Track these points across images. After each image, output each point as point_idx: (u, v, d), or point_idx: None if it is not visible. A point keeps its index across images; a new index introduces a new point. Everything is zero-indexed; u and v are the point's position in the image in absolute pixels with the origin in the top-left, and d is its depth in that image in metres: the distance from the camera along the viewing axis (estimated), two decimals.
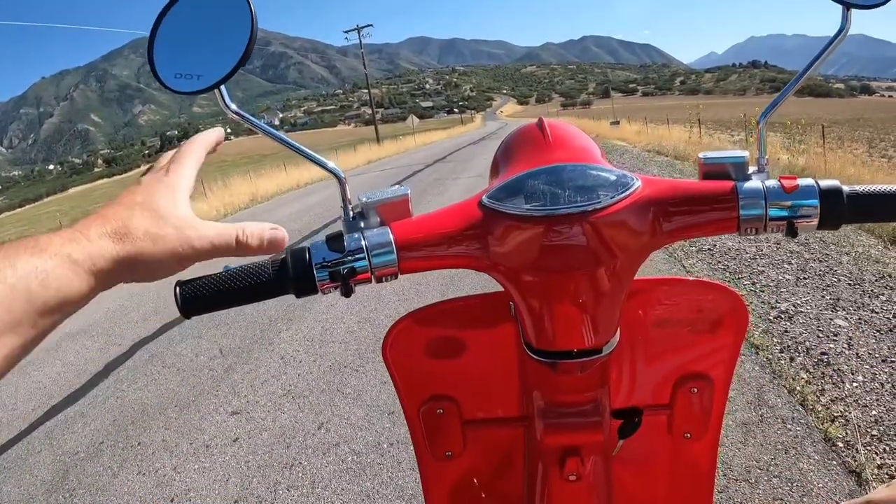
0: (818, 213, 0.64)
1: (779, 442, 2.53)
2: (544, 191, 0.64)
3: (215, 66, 0.63)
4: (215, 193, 19.34)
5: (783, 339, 3.47)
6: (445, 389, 0.81)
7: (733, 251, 5.41)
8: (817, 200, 0.64)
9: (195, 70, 0.63)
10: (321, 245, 0.66)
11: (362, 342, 4.28)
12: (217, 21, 0.65)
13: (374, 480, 2.66)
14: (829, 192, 0.64)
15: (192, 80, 0.63)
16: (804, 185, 0.64)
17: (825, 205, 0.64)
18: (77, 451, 3.38)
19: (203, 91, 0.64)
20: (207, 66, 0.63)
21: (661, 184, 0.67)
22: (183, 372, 4.29)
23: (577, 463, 0.76)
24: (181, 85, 0.64)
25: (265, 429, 3.26)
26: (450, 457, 0.84)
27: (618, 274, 0.65)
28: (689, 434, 0.82)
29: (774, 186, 0.65)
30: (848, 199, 0.64)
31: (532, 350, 0.69)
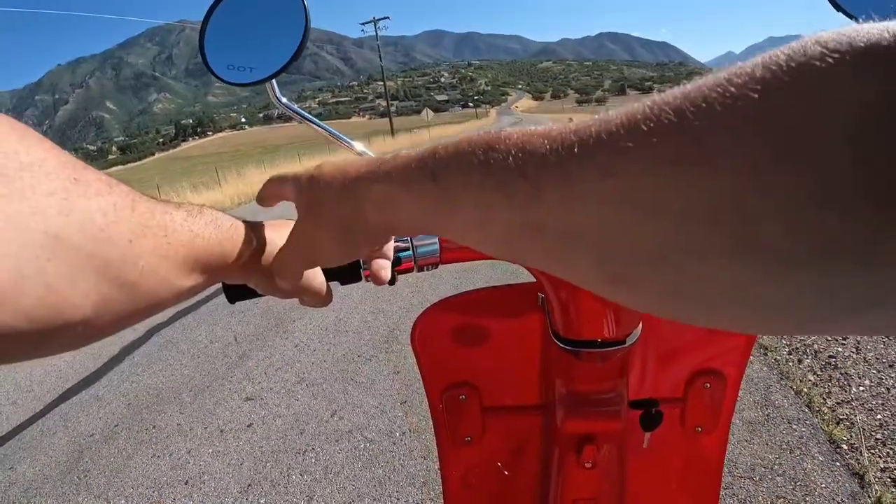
0: None
1: (784, 442, 2.56)
2: None
3: (268, 60, 0.66)
4: (229, 183, 19.44)
5: (792, 342, 3.48)
6: (468, 376, 0.85)
7: None
8: None
9: (248, 63, 0.66)
10: None
11: (376, 332, 4.33)
12: (271, 16, 0.68)
13: (385, 468, 2.72)
14: None
15: (244, 72, 0.67)
16: None
17: None
18: (92, 433, 3.45)
19: (255, 83, 0.67)
20: (260, 60, 0.66)
21: None
22: (198, 358, 4.36)
23: (594, 450, 0.80)
24: (234, 76, 0.67)
25: (279, 415, 3.32)
26: (469, 442, 0.88)
27: None
28: (700, 427, 0.85)
29: None
30: None
31: (559, 339, 0.73)
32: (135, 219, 0.38)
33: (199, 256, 0.45)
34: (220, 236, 0.48)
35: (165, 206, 0.43)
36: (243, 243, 0.51)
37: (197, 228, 0.45)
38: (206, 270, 0.47)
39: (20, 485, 3.03)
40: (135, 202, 0.38)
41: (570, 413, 0.79)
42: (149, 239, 0.38)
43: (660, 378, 0.85)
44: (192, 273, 0.44)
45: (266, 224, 0.59)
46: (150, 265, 0.38)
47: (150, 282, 0.39)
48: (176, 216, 0.43)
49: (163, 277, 0.40)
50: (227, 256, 0.49)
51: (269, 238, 0.57)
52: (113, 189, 0.37)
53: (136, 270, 0.37)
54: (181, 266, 0.42)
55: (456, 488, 0.94)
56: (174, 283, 0.42)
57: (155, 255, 0.39)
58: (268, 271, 0.56)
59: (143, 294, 0.39)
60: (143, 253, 0.38)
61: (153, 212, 0.40)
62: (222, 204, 15.87)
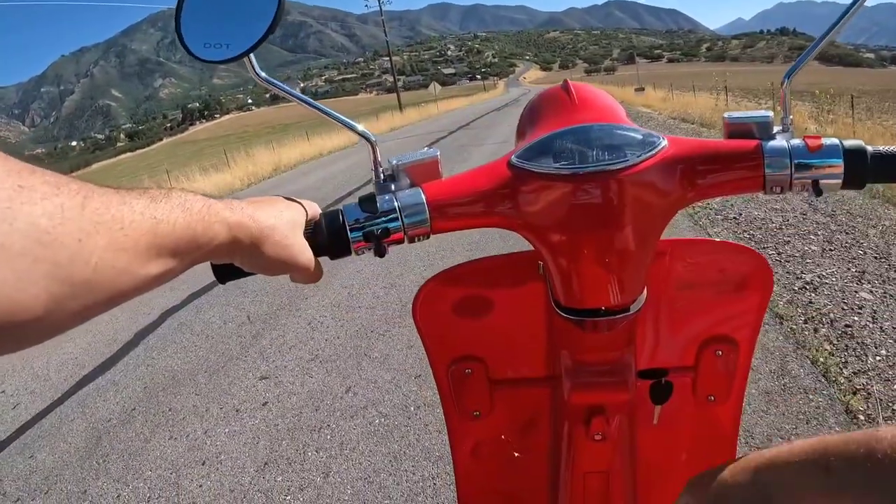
0: (842, 172, 0.65)
1: (801, 412, 2.54)
2: (572, 150, 0.65)
3: (244, 35, 0.64)
4: (238, 164, 19.44)
5: (807, 310, 3.45)
6: (473, 350, 0.83)
7: (759, 220, 5.36)
8: (841, 159, 0.65)
9: (224, 39, 0.65)
10: (354, 207, 0.68)
11: (389, 307, 4.33)
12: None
13: (401, 442, 2.73)
14: (853, 152, 0.65)
15: (220, 49, 0.65)
16: (828, 144, 0.65)
17: (849, 164, 0.65)
18: (109, 418, 3.49)
19: (232, 60, 0.65)
20: (236, 36, 0.64)
21: (687, 143, 0.68)
22: (212, 339, 4.38)
23: (603, 422, 0.78)
24: (210, 54, 0.65)
25: (293, 392, 3.34)
26: (477, 416, 0.86)
27: (644, 232, 0.67)
28: (713, 397, 0.83)
29: (799, 145, 0.66)
30: (872, 159, 0.65)
31: (561, 308, 0.71)
32: (86, 217, 0.37)
33: (166, 242, 0.44)
34: (189, 219, 0.47)
35: (124, 197, 0.42)
36: (218, 223, 0.51)
37: (161, 214, 0.44)
38: (177, 255, 0.46)
39: (40, 472, 3.06)
40: (86, 199, 0.38)
41: (576, 385, 0.77)
42: (102, 235, 0.38)
43: (670, 346, 0.83)
44: (158, 260, 0.44)
45: (247, 201, 0.58)
46: (105, 260, 0.38)
47: (106, 276, 0.39)
48: (136, 205, 0.42)
49: (122, 269, 0.40)
50: (200, 239, 0.49)
51: (250, 215, 0.56)
52: (61, 190, 0.37)
53: (89, 268, 0.37)
54: (144, 255, 0.42)
55: (466, 464, 0.93)
56: (137, 273, 0.42)
57: (110, 250, 0.39)
58: (252, 249, 0.56)
59: (100, 289, 0.39)
60: (95, 249, 0.38)
61: (108, 205, 0.40)
62: (232, 185, 15.87)
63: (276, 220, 0.59)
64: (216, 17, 0.66)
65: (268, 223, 0.57)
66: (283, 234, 0.59)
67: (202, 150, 72.80)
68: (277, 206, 0.62)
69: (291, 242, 0.60)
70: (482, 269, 0.82)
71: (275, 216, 0.59)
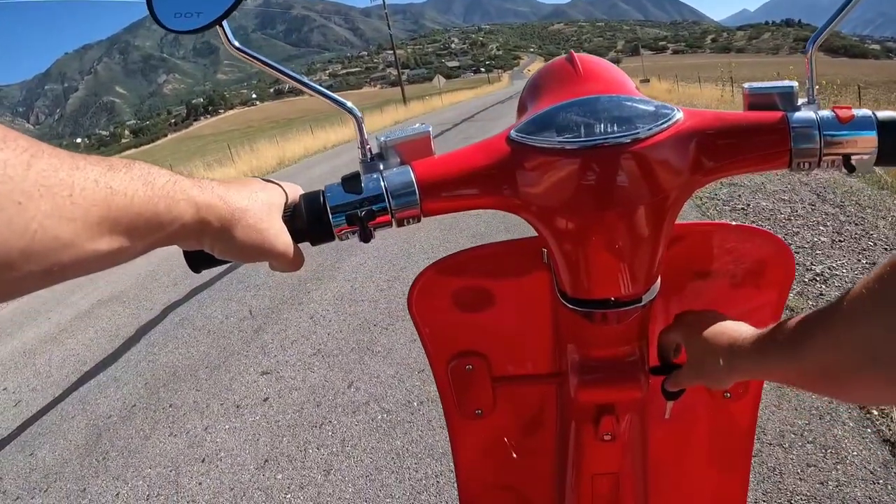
0: (876, 146, 0.58)
1: (813, 407, 2.48)
2: (578, 122, 0.59)
3: (215, 2, 0.59)
4: (242, 158, 19.46)
5: (819, 303, 3.39)
6: (474, 345, 0.78)
7: (767, 211, 5.29)
8: (875, 132, 0.58)
9: (194, 7, 0.60)
10: (336, 187, 0.62)
11: (392, 300, 4.28)
12: None
13: (403, 439, 2.68)
14: (889, 124, 0.58)
15: (191, 18, 0.60)
16: (861, 116, 0.59)
17: (884, 137, 0.58)
18: (110, 414, 3.46)
19: (203, 28, 0.60)
20: (207, 3, 0.59)
21: (704, 115, 0.62)
22: (213, 334, 4.34)
23: (613, 422, 0.73)
24: (180, 24, 0.60)
25: (295, 388, 3.30)
26: (479, 415, 0.82)
27: (659, 215, 0.60)
28: (729, 393, 0.79)
29: (828, 116, 0.59)
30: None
31: (567, 299, 0.65)
32: (30, 177, 0.33)
33: (121, 217, 0.39)
34: (150, 194, 0.42)
35: (79, 162, 0.37)
36: (183, 202, 0.45)
37: (118, 185, 0.39)
38: (134, 233, 0.41)
39: (40, 470, 3.03)
40: (33, 158, 0.34)
41: (584, 381, 0.71)
42: (45, 200, 0.34)
43: None
44: (110, 235, 0.39)
45: (218, 181, 0.52)
46: (46, 228, 0.34)
47: (45, 246, 0.34)
48: (90, 172, 0.37)
49: (65, 241, 0.35)
50: (162, 217, 0.43)
51: (221, 195, 0.50)
52: (7, 145, 0.33)
53: (28, 235, 0.33)
54: (93, 228, 0.37)
55: (468, 465, 0.88)
56: (83, 247, 0.37)
57: (53, 218, 0.34)
58: (221, 232, 0.50)
59: (37, 260, 0.34)
60: (36, 214, 0.33)
61: (57, 168, 0.35)
62: None
63: (250, 202, 0.53)
64: None
65: (239, 205, 0.52)
66: (257, 218, 0.54)
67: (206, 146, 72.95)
68: (251, 187, 0.56)
69: (266, 227, 0.55)
70: (482, 257, 0.76)
71: (248, 197, 0.54)
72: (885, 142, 0.58)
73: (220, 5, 0.59)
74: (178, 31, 0.61)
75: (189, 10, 0.60)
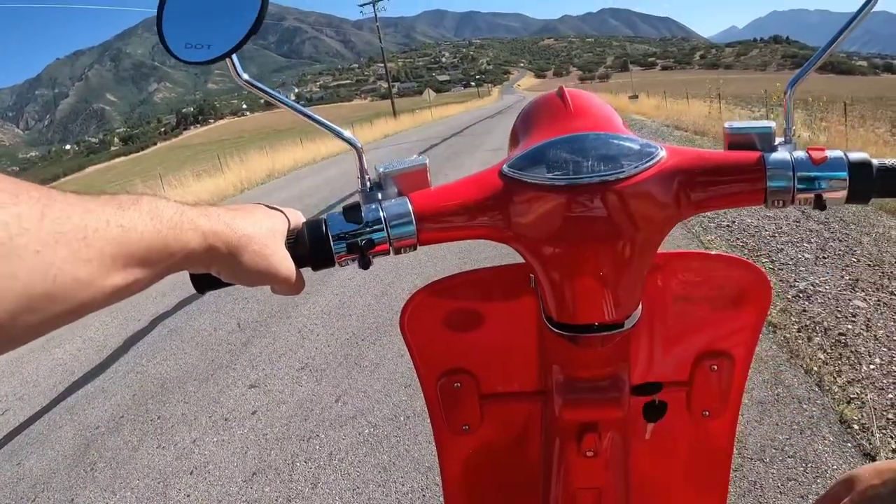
0: (847, 185, 0.63)
1: (794, 422, 2.52)
2: (566, 160, 0.63)
3: (226, 36, 0.62)
4: (232, 169, 19.40)
5: (801, 319, 3.44)
6: (463, 363, 0.81)
7: (752, 228, 5.36)
8: (846, 173, 0.62)
9: (205, 40, 0.63)
10: (338, 216, 0.66)
11: (380, 315, 4.30)
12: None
13: (390, 453, 2.69)
14: (859, 165, 0.63)
15: (202, 50, 0.63)
16: (833, 157, 0.63)
17: (854, 178, 0.62)
18: (98, 425, 3.45)
19: (214, 61, 0.63)
20: (217, 36, 0.63)
21: (686, 153, 0.66)
22: (201, 346, 4.34)
23: (595, 439, 0.76)
24: (192, 55, 0.63)
25: (283, 402, 3.30)
26: (467, 430, 0.84)
27: (641, 246, 0.64)
28: (707, 412, 0.81)
29: (802, 158, 0.64)
30: (878, 173, 0.62)
31: (553, 323, 0.69)
32: (45, 227, 0.36)
33: (134, 252, 0.43)
34: (158, 227, 0.45)
35: (88, 204, 0.40)
36: (190, 231, 0.49)
37: (128, 222, 0.43)
38: (147, 264, 0.44)
39: (28, 480, 3.02)
40: (46, 208, 0.37)
41: (568, 401, 0.75)
42: (61, 245, 0.37)
43: (664, 361, 0.80)
44: (125, 270, 0.42)
45: (225, 208, 0.56)
46: (66, 272, 0.37)
47: (67, 288, 0.37)
48: (101, 213, 0.41)
49: (85, 281, 0.39)
50: (172, 247, 0.47)
51: (227, 222, 0.54)
52: (20, 199, 0.36)
53: (48, 280, 0.36)
54: (109, 266, 0.41)
55: (455, 478, 0.91)
56: (102, 285, 0.40)
57: (70, 261, 0.37)
58: (229, 258, 0.54)
59: (60, 301, 0.37)
60: (55, 260, 0.36)
61: (69, 215, 0.38)
62: (225, 191, 15.82)
63: (255, 229, 0.57)
64: (198, 17, 0.64)
65: (246, 231, 0.55)
66: (262, 244, 0.57)
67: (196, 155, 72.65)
68: (257, 215, 0.60)
69: (271, 252, 0.58)
70: (472, 282, 0.80)
71: (253, 224, 0.57)
72: (855, 182, 0.62)
73: (230, 40, 0.62)
74: (188, 61, 0.64)
75: (200, 42, 0.63)
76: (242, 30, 0.62)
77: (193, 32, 0.63)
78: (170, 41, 0.64)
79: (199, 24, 0.64)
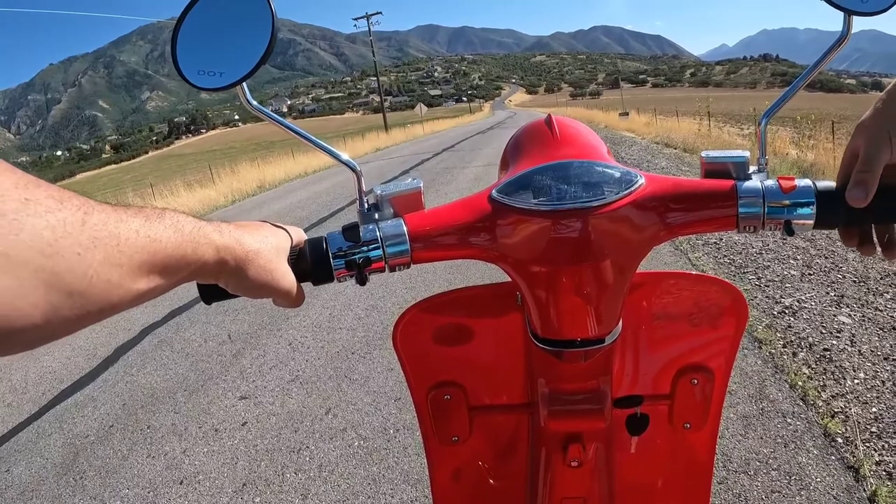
0: (814, 213, 0.67)
1: (779, 435, 2.56)
2: (551, 186, 0.67)
3: (237, 65, 0.67)
4: (223, 180, 19.35)
5: (786, 335, 3.49)
6: (453, 376, 0.85)
7: (739, 245, 5.42)
8: (814, 201, 0.67)
9: (217, 67, 0.67)
10: (337, 235, 0.70)
11: (370, 329, 4.32)
12: (238, 20, 0.69)
13: (380, 465, 2.71)
14: (826, 194, 0.67)
15: (214, 77, 0.67)
16: (801, 186, 0.67)
17: (822, 205, 0.67)
18: (87, 434, 3.44)
19: (225, 88, 0.67)
20: (229, 65, 0.67)
21: (663, 181, 0.70)
22: (192, 357, 4.34)
23: (580, 449, 0.79)
24: (204, 81, 0.67)
25: (273, 413, 3.31)
26: (456, 441, 0.87)
27: (620, 267, 0.69)
28: (688, 424, 0.85)
29: (773, 186, 0.68)
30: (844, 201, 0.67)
31: (538, 338, 0.73)
32: (85, 232, 0.40)
33: (157, 261, 0.47)
34: (180, 239, 0.50)
35: (121, 215, 0.45)
36: (205, 245, 0.53)
37: (154, 233, 0.47)
38: (167, 273, 0.49)
39: (16, 487, 3.01)
40: (87, 215, 0.41)
41: (553, 413, 0.78)
42: (99, 250, 0.41)
43: (646, 375, 0.84)
44: (148, 276, 0.47)
45: (234, 224, 0.60)
46: (100, 274, 0.41)
47: (100, 289, 0.41)
48: (132, 224, 0.45)
49: (115, 284, 0.43)
50: (189, 259, 0.51)
51: (237, 238, 0.58)
52: (64, 205, 0.40)
53: (86, 280, 0.40)
54: (136, 271, 0.45)
55: (444, 488, 0.94)
56: (129, 288, 0.45)
57: (105, 265, 0.41)
58: (237, 271, 0.58)
59: (94, 300, 0.41)
60: (92, 263, 0.40)
61: (105, 223, 0.42)
62: (216, 202, 15.77)
63: (262, 245, 0.61)
64: (211, 45, 0.68)
65: (253, 247, 0.59)
66: (267, 259, 0.61)
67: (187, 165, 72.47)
68: (263, 232, 0.64)
69: (275, 267, 0.62)
70: (462, 299, 0.84)
71: (260, 241, 0.61)
72: (822, 209, 0.67)
73: (242, 68, 0.66)
74: (200, 87, 0.68)
75: (213, 69, 0.67)
76: (253, 60, 0.66)
77: (206, 60, 0.67)
78: (183, 67, 0.68)
79: (212, 52, 0.68)
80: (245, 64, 0.66)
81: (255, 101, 0.70)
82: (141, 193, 20.02)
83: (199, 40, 0.68)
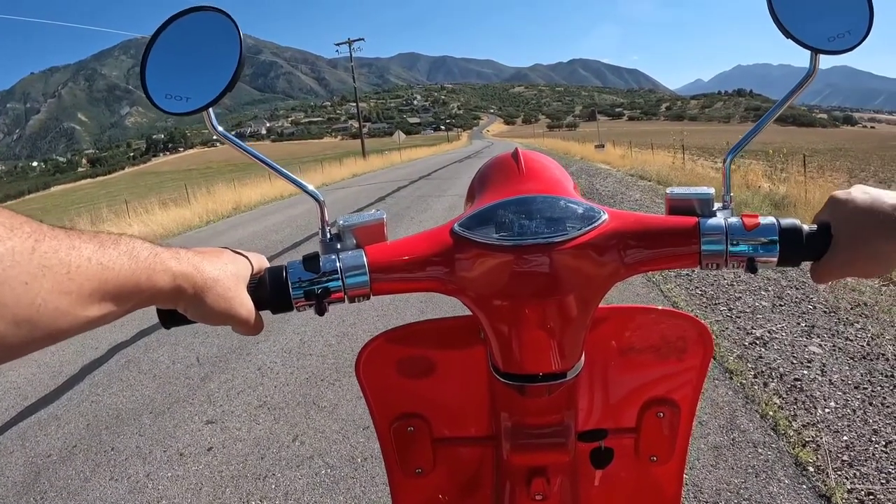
0: (777, 250, 0.66)
1: (750, 465, 2.56)
2: (513, 221, 0.67)
3: (204, 90, 0.67)
4: (199, 200, 19.18)
5: (757, 365, 3.51)
6: (416, 408, 0.83)
7: (711, 277, 5.48)
8: (777, 238, 0.66)
9: (185, 92, 0.67)
10: (297, 265, 0.69)
11: (340, 356, 4.27)
12: (207, 47, 0.69)
13: (346, 494, 2.66)
14: (789, 231, 0.67)
15: (181, 101, 0.67)
16: (765, 223, 0.67)
17: (785, 243, 0.66)
18: (49, 453, 3.34)
19: (191, 113, 0.67)
20: (196, 90, 0.67)
21: (626, 217, 0.70)
22: (159, 379, 4.25)
23: (544, 483, 0.78)
24: (171, 106, 0.67)
25: (240, 439, 3.24)
26: (420, 473, 0.86)
27: (582, 302, 0.68)
28: (655, 457, 0.84)
29: (736, 224, 0.68)
30: (807, 238, 0.66)
31: (499, 373, 0.72)
32: (34, 261, 0.40)
33: (109, 288, 0.46)
34: (134, 266, 0.49)
35: (74, 241, 0.44)
36: (161, 272, 0.53)
37: (107, 260, 0.46)
38: (119, 300, 0.48)
39: None
40: (37, 243, 0.41)
41: (516, 446, 0.77)
42: (48, 278, 0.41)
43: (611, 408, 0.83)
44: (100, 303, 0.46)
45: (194, 251, 0.60)
46: (48, 302, 0.41)
47: (48, 317, 0.41)
48: (84, 251, 0.45)
49: (64, 311, 0.42)
50: (142, 286, 0.50)
51: (196, 265, 0.57)
52: (14, 234, 0.40)
53: (33, 308, 0.40)
54: (86, 299, 0.44)
55: None
56: (79, 315, 0.44)
57: (53, 293, 0.41)
58: (195, 299, 0.58)
59: (41, 328, 0.41)
60: (40, 291, 0.40)
61: (56, 250, 0.42)
62: (191, 222, 15.62)
63: (221, 273, 0.61)
64: (179, 70, 0.69)
65: (212, 275, 0.59)
66: (225, 287, 0.61)
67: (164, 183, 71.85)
68: (223, 259, 0.63)
69: (233, 295, 0.62)
70: (425, 331, 0.83)
71: (220, 268, 0.61)
72: (785, 247, 0.66)
73: (209, 94, 0.66)
74: (166, 111, 0.68)
75: (180, 94, 0.67)
76: (220, 86, 0.66)
77: (174, 84, 0.67)
78: (151, 90, 0.68)
79: (180, 76, 0.68)
80: (211, 90, 0.66)
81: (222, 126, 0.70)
82: (116, 210, 19.71)
83: (168, 64, 0.69)
